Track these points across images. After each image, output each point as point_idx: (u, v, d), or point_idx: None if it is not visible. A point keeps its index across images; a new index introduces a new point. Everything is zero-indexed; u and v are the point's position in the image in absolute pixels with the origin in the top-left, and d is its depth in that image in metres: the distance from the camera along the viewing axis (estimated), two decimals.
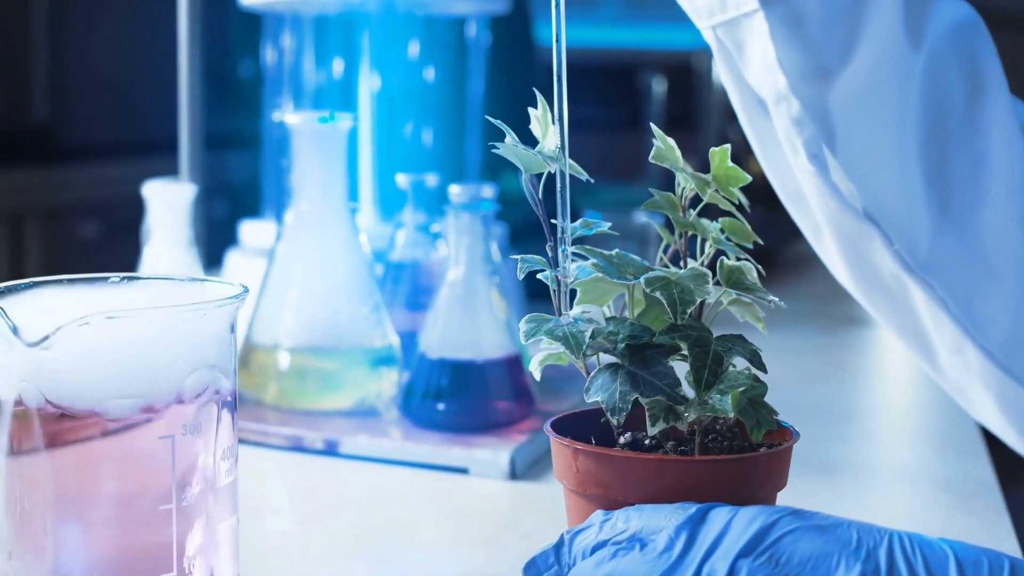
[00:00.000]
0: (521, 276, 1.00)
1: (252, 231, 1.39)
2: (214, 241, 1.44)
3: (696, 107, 2.14)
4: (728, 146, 0.74)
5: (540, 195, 0.74)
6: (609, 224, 0.76)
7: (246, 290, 0.71)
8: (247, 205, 1.52)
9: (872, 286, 0.83)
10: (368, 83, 1.38)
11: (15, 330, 0.65)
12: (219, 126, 2.27)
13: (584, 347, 0.69)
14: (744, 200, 0.76)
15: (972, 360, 0.80)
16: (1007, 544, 0.84)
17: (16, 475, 0.67)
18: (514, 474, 0.96)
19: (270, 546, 0.83)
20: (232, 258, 1.38)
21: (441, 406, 1.01)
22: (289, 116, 1.06)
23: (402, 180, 1.17)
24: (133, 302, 0.72)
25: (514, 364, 1.03)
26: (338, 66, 1.40)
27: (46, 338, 0.65)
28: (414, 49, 1.39)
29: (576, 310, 0.71)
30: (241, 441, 1.02)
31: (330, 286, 1.06)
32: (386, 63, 1.38)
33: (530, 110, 0.76)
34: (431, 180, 1.17)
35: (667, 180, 0.77)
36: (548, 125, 0.76)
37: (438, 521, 0.89)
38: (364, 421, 1.03)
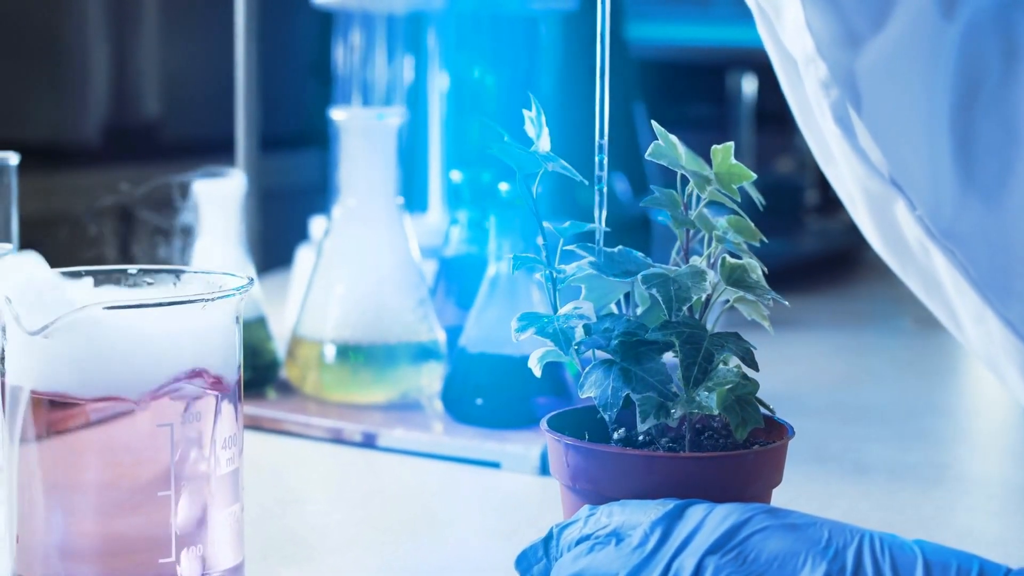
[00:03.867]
0: (513, 273, 1.01)
1: (321, 227, 1.41)
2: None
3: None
4: (731, 144, 0.74)
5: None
6: (604, 224, 0.76)
7: (250, 282, 0.73)
8: None
9: (900, 252, 0.82)
10: (438, 81, 1.39)
11: (18, 319, 0.67)
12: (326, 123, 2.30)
13: (573, 344, 0.70)
14: (759, 198, 0.76)
15: (994, 331, 0.79)
16: None
17: (24, 462, 0.69)
18: (545, 469, 0.96)
19: (297, 534, 0.84)
20: (301, 254, 1.40)
21: (479, 401, 1.02)
22: (337, 112, 1.08)
23: (456, 176, 1.18)
24: (143, 293, 0.74)
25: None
26: (408, 64, 1.42)
27: (45, 327, 0.67)
28: (484, 47, 1.40)
29: (568, 307, 0.71)
30: (283, 432, 1.04)
31: (376, 281, 1.08)
32: (456, 61, 1.39)
33: (524, 111, 0.76)
34: (486, 176, 1.17)
35: (759, 180, 0.77)
36: (543, 126, 0.76)
37: (464, 515, 0.90)
38: (404, 415, 1.04)
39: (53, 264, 0.74)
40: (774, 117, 2.12)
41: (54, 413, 0.68)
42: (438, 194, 1.40)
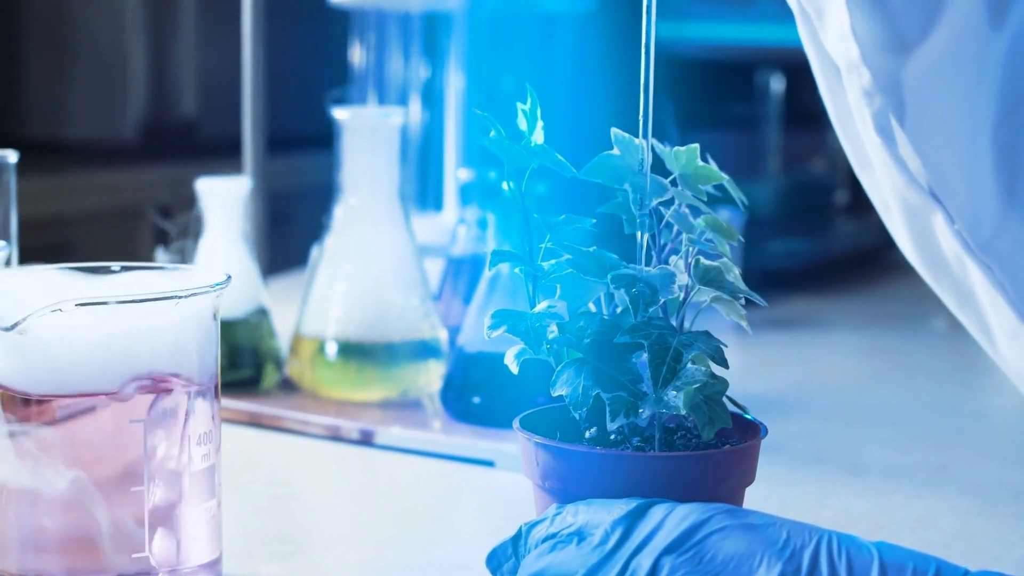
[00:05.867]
0: (490, 270, 1.01)
1: None
2: None
3: (823, 106, 2.11)
4: (696, 146, 0.74)
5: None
6: (593, 220, 0.76)
7: (227, 280, 0.73)
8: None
9: (935, 264, 0.81)
10: (454, 80, 1.40)
11: None
12: None
13: (545, 343, 0.70)
14: (740, 196, 0.76)
15: None
16: (1018, 551, 0.82)
17: None
18: None
19: (283, 530, 0.85)
20: (315, 253, 1.40)
21: (477, 399, 1.02)
22: (339, 111, 1.08)
23: (464, 175, 1.18)
24: (122, 290, 0.75)
25: None
26: (424, 63, 1.42)
27: (16, 324, 0.67)
28: (502, 46, 1.40)
29: (542, 305, 0.71)
30: (282, 429, 1.04)
31: (378, 279, 1.08)
32: (473, 60, 1.40)
33: (517, 104, 0.76)
34: (495, 175, 1.18)
35: (788, 179, 0.77)
36: (537, 119, 0.76)
37: (454, 512, 0.91)
38: (403, 413, 1.05)
39: (87, 260, 0.75)
40: (805, 117, 2.12)
41: (29, 408, 0.69)
42: (453, 193, 1.40)
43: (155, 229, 1.13)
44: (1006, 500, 0.91)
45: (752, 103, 2.09)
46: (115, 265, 0.77)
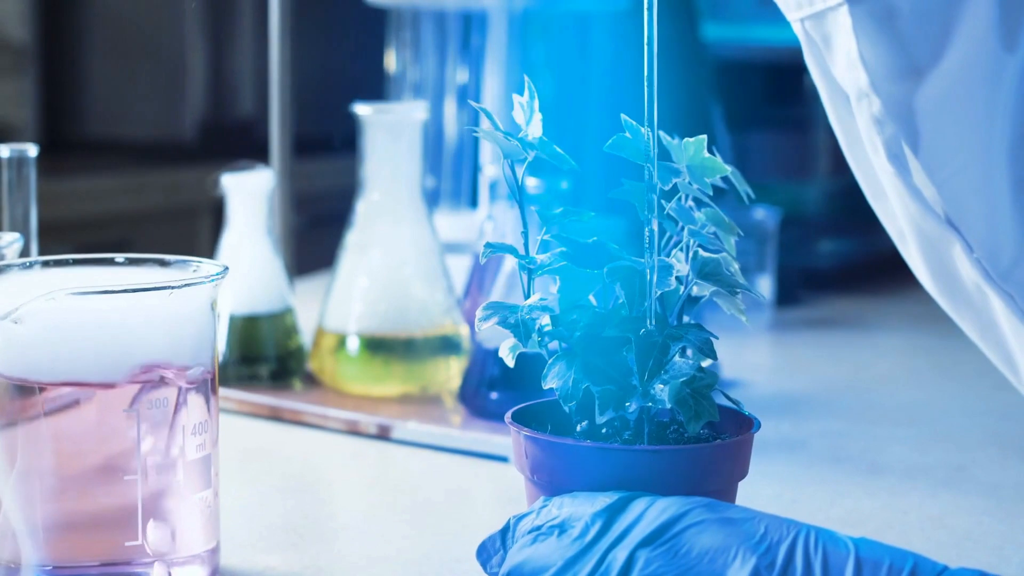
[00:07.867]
0: (483, 261, 1.01)
1: None
2: None
3: None
4: (704, 137, 0.73)
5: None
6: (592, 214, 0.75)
7: (224, 270, 0.73)
8: None
9: (954, 293, 0.80)
10: (490, 80, 1.40)
11: None
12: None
13: (534, 336, 0.70)
14: (746, 190, 0.75)
15: None
16: None
17: None
18: None
19: (289, 523, 0.85)
20: None
21: (494, 395, 1.02)
22: (361, 107, 1.09)
23: (491, 171, 1.18)
24: (122, 281, 0.75)
25: None
26: (462, 63, 1.42)
27: (11, 312, 0.68)
28: (537, 47, 1.40)
29: (534, 297, 0.71)
30: (302, 423, 1.05)
31: (400, 275, 1.08)
32: (509, 61, 1.40)
33: (514, 96, 0.76)
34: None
35: (837, 180, 0.76)
36: (534, 111, 0.76)
37: (467, 506, 0.91)
38: (421, 407, 1.05)
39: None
40: None
41: (24, 398, 0.69)
42: (486, 192, 1.40)
43: None
44: (1023, 501, 0.90)
45: (801, 104, 2.07)
46: (119, 256, 0.78)
